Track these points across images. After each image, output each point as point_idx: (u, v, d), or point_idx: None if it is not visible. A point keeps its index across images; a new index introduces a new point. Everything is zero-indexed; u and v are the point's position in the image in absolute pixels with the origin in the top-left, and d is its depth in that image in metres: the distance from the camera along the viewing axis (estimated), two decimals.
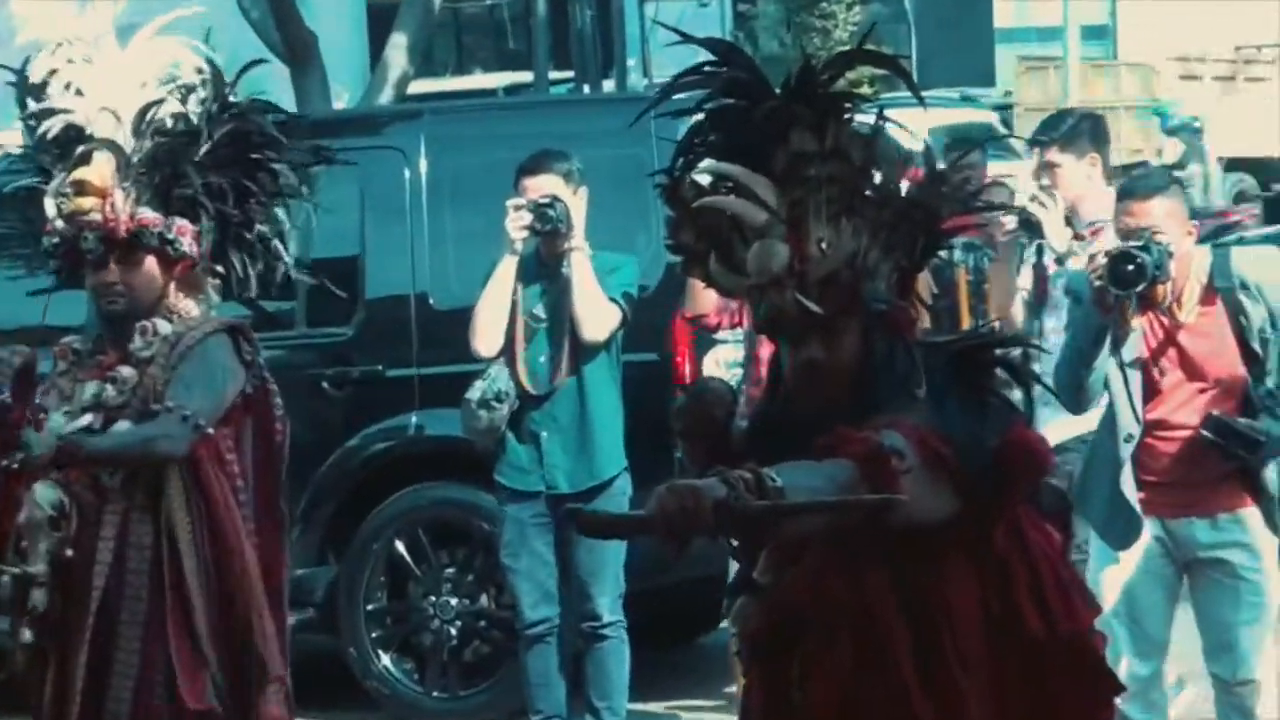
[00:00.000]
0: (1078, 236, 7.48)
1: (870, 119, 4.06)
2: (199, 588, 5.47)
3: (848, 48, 7.23)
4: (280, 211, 5.75)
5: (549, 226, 7.57)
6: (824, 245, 3.93)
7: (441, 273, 8.80)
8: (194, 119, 5.61)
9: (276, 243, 5.71)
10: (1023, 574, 3.97)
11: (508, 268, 7.71)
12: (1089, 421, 7.23)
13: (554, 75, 19.97)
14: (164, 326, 5.55)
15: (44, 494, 5.44)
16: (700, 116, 4.09)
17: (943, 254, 11.17)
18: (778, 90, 4.03)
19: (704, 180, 4.07)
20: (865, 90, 41.14)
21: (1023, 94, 27.68)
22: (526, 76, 22.23)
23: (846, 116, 4.02)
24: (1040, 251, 7.61)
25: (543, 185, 7.64)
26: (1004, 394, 4.06)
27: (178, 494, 5.48)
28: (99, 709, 5.47)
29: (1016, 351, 4.22)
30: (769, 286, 3.93)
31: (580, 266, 7.61)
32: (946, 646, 3.91)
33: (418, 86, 18.59)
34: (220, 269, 5.67)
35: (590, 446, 7.75)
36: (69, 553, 5.46)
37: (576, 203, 7.66)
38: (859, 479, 3.73)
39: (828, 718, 3.98)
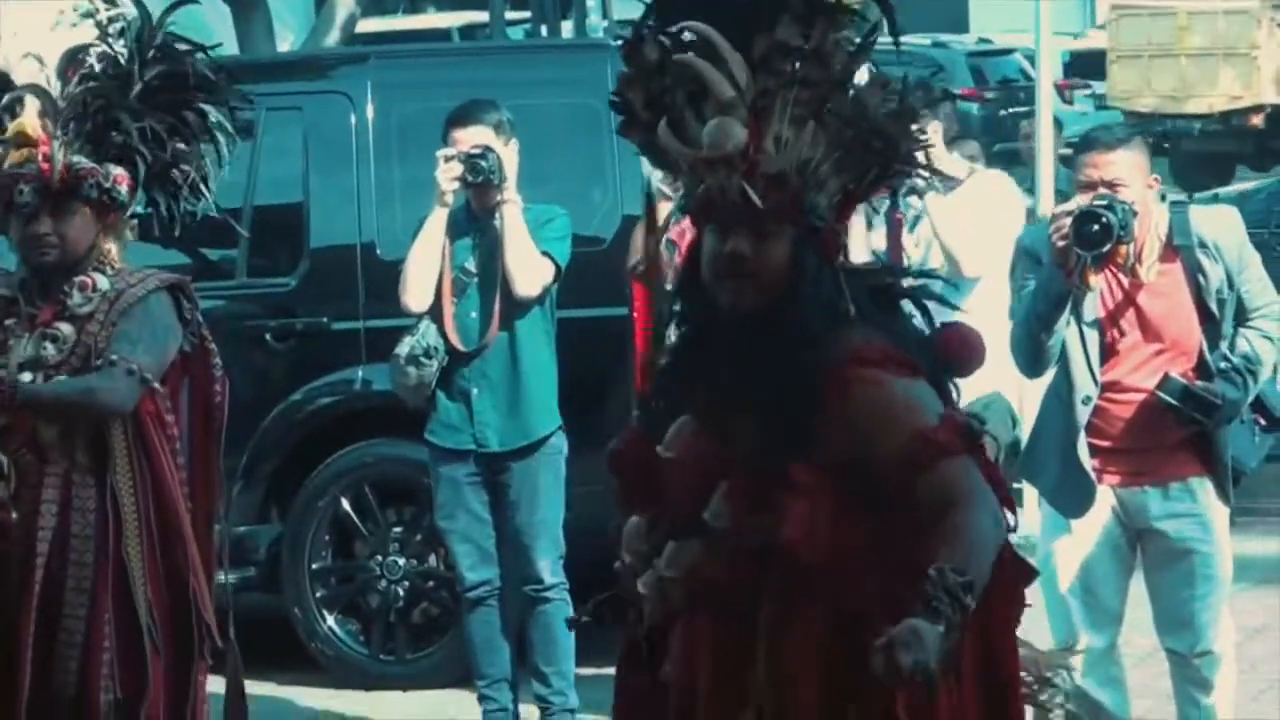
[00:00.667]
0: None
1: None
2: (138, 555, 5.44)
3: None
4: (207, 153, 5.69)
5: (480, 178, 7.51)
6: (781, 144, 3.92)
7: (389, 223, 8.74)
8: (120, 59, 5.56)
9: (201, 184, 5.67)
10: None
11: (437, 221, 7.66)
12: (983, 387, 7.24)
13: (510, 16, 19.86)
14: (103, 282, 5.53)
15: None
16: None
17: (906, 212, 11.22)
18: None
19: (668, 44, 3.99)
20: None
21: (1119, 39, 27.48)
22: (482, 16, 22.09)
23: (839, 19, 3.99)
24: (895, 200, 7.43)
25: (473, 137, 7.59)
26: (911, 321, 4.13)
27: (121, 454, 5.48)
28: (48, 677, 5.45)
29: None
30: (718, 163, 3.91)
31: (512, 219, 7.55)
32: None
33: (366, 26, 18.49)
34: (140, 210, 5.64)
35: (522, 404, 7.69)
36: (13, 515, 5.44)
37: (508, 154, 7.60)
38: (973, 465, 3.85)
39: (807, 680, 3.92)
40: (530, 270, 7.60)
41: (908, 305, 4.15)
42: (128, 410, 5.45)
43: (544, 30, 18.39)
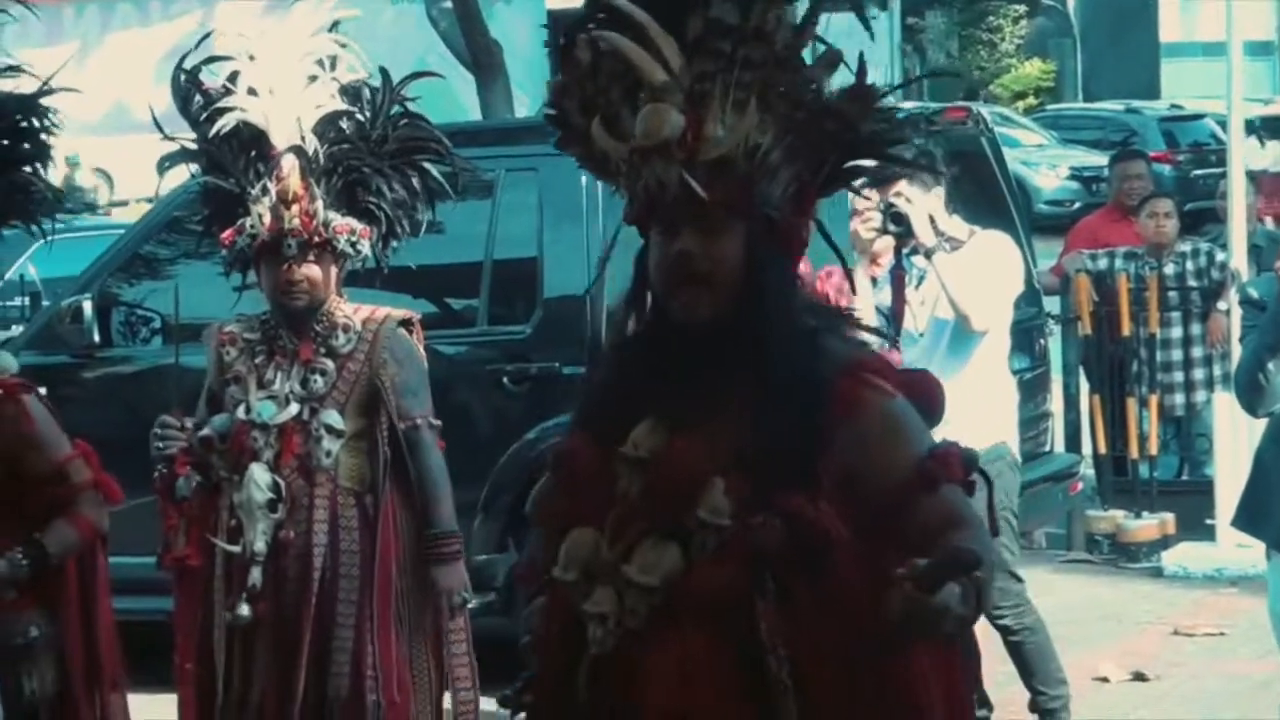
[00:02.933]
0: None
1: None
2: (397, 568, 5.72)
3: (1014, 60, 7.14)
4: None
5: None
6: (725, 128, 3.42)
7: (614, 274, 8.87)
8: (365, 124, 5.80)
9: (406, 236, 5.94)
10: None
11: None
12: (988, 437, 7.26)
13: None
14: (355, 321, 5.78)
15: (261, 476, 5.65)
16: None
17: (1104, 263, 11.17)
18: None
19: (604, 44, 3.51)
20: (1031, 102, 40.94)
21: None
22: None
23: None
24: (899, 255, 7.37)
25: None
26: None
27: (383, 474, 5.75)
28: (323, 681, 5.67)
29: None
30: (654, 152, 3.40)
31: None
32: None
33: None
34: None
35: None
36: (291, 534, 5.68)
37: None
38: (966, 498, 3.55)
39: (830, 685, 3.41)
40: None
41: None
42: (441, 464, 5.83)
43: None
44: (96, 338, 9.28)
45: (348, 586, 5.68)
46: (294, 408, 5.72)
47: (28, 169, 5.25)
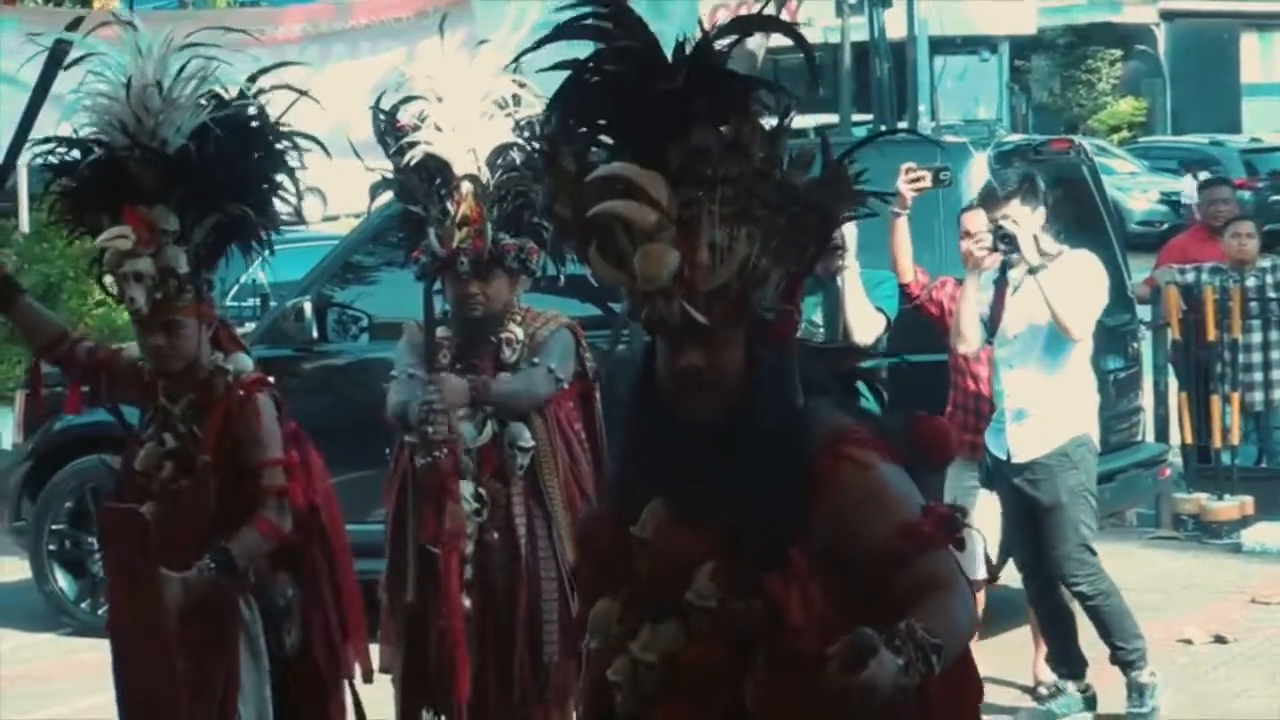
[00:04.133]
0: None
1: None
2: (563, 538, 5.79)
3: (1110, 99, 7.20)
4: None
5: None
6: (716, 251, 3.26)
7: None
8: (531, 152, 5.74)
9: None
10: None
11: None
12: (1058, 437, 7.39)
13: (856, 117, 20.11)
14: (519, 332, 5.84)
15: (465, 489, 5.75)
16: (580, 76, 3.32)
17: (1191, 276, 11.12)
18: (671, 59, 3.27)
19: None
20: (1124, 135, 40.55)
21: None
22: (833, 118, 22.39)
23: (752, 108, 3.30)
24: (1004, 269, 7.45)
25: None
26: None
27: (551, 477, 5.82)
28: (538, 651, 5.77)
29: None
30: (655, 294, 3.26)
31: (853, 281, 7.72)
32: None
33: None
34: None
35: None
36: (495, 536, 5.77)
37: (851, 229, 7.61)
38: (949, 557, 3.32)
39: None
40: (867, 323, 7.77)
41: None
42: (544, 398, 5.78)
43: (882, 128, 18.60)
44: (315, 334, 9.50)
45: (547, 566, 5.77)
46: (489, 431, 5.79)
47: (277, 190, 5.24)
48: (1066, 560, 7.41)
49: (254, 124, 5.17)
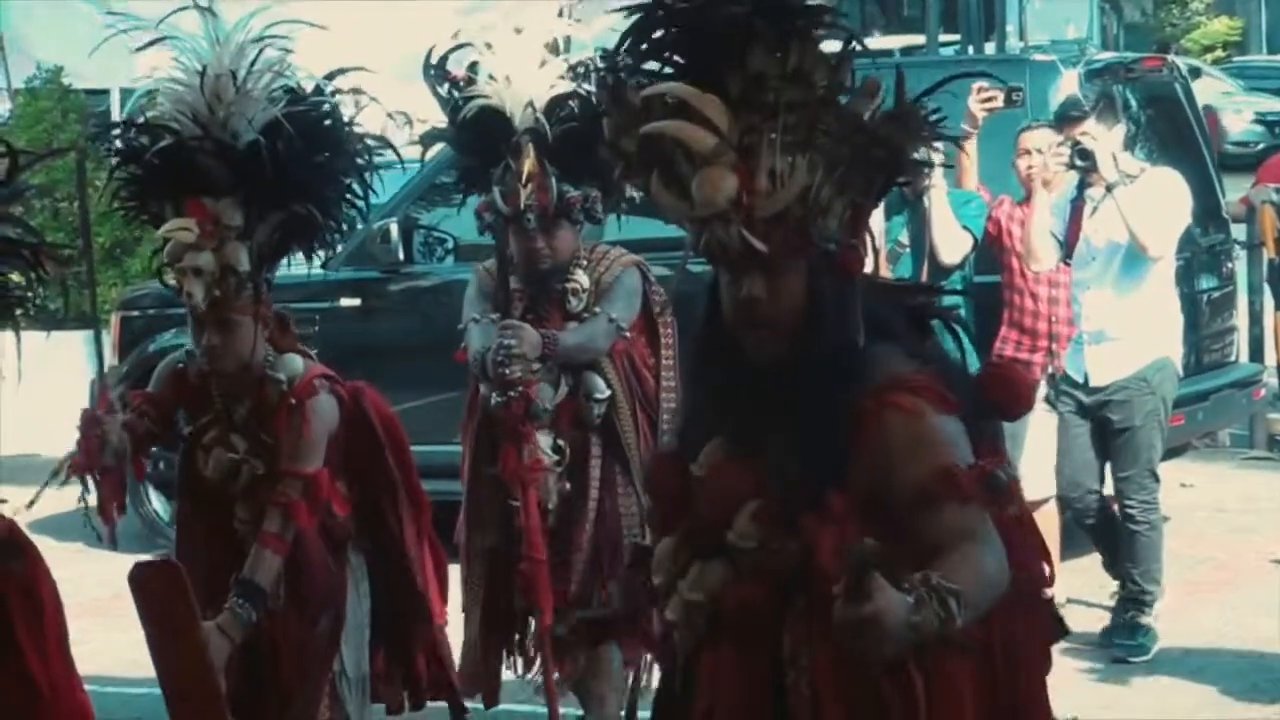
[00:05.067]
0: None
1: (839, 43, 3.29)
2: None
3: (1204, 18, 7.03)
4: None
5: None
6: (776, 178, 3.20)
7: None
8: (591, 100, 5.64)
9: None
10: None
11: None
12: (1138, 360, 7.28)
13: (943, 38, 19.89)
14: (584, 280, 5.81)
15: (544, 441, 5.75)
16: (648, 7, 3.28)
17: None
18: None
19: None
20: (1218, 55, 40.08)
21: None
22: (919, 39, 22.20)
23: (814, 35, 3.25)
24: (1081, 188, 7.36)
25: None
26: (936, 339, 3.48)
27: (629, 423, 5.82)
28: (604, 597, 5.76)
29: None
30: (713, 219, 3.20)
31: (939, 201, 7.70)
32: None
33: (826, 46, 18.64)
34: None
35: None
36: (567, 485, 5.79)
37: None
38: (983, 513, 3.20)
39: (836, 711, 3.25)
40: (954, 242, 7.73)
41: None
42: (605, 349, 5.78)
43: (970, 49, 18.41)
44: (401, 255, 9.50)
45: (628, 509, 5.80)
46: (564, 387, 5.80)
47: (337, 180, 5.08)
48: (1129, 483, 7.39)
49: (326, 122, 5.06)
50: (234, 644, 4.81)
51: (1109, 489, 7.61)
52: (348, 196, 5.09)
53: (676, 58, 3.28)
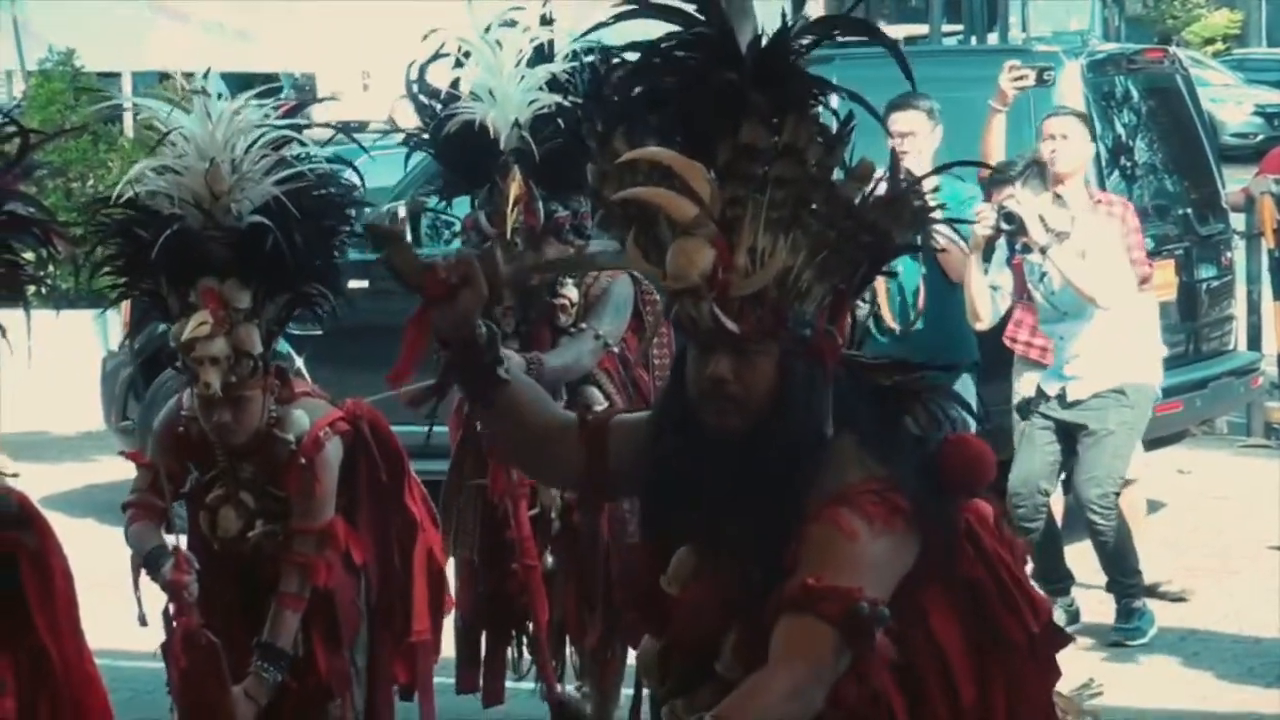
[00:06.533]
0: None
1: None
2: None
3: (1204, 10, 6.99)
4: None
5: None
6: (756, 256, 3.03)
7: None
8: (577, 115, 5.45)
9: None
10: (992, 587, 3.23)
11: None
12: (1116, 379, 7.25)
13: (946, 28, 19.89)
14: (573, 294, 5.76)
15: None
16: (643, 59, 3.16)
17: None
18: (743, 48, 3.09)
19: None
20: (1219, 47, 40.02)
21: None
22: (923, 29, 22.21)
23: (810, 109, 3.08)
24: (1012, 247, 7.36)
25: (909, 120, 7.52)
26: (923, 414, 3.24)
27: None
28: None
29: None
30: (684, 293, 3.04)
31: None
32: (935, 695, 3.18)
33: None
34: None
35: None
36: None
37: (934, 138, 7.58)
38: (837, 643, 3.01)
39: None
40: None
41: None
42: (590, 368, 5.75)
43: (973, 39, 18.38)
44: (409, 238, 9.54)
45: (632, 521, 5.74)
46: (561, 400, 5.66)
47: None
48: (1095, 487, 7.35)
49: (324, 192, 4.96)
50: (260, 707, 4.87)
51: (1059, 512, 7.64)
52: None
53: (667, 114, 3.14)
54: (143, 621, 4.87)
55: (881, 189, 3.13)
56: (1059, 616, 7.48)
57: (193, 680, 4.84)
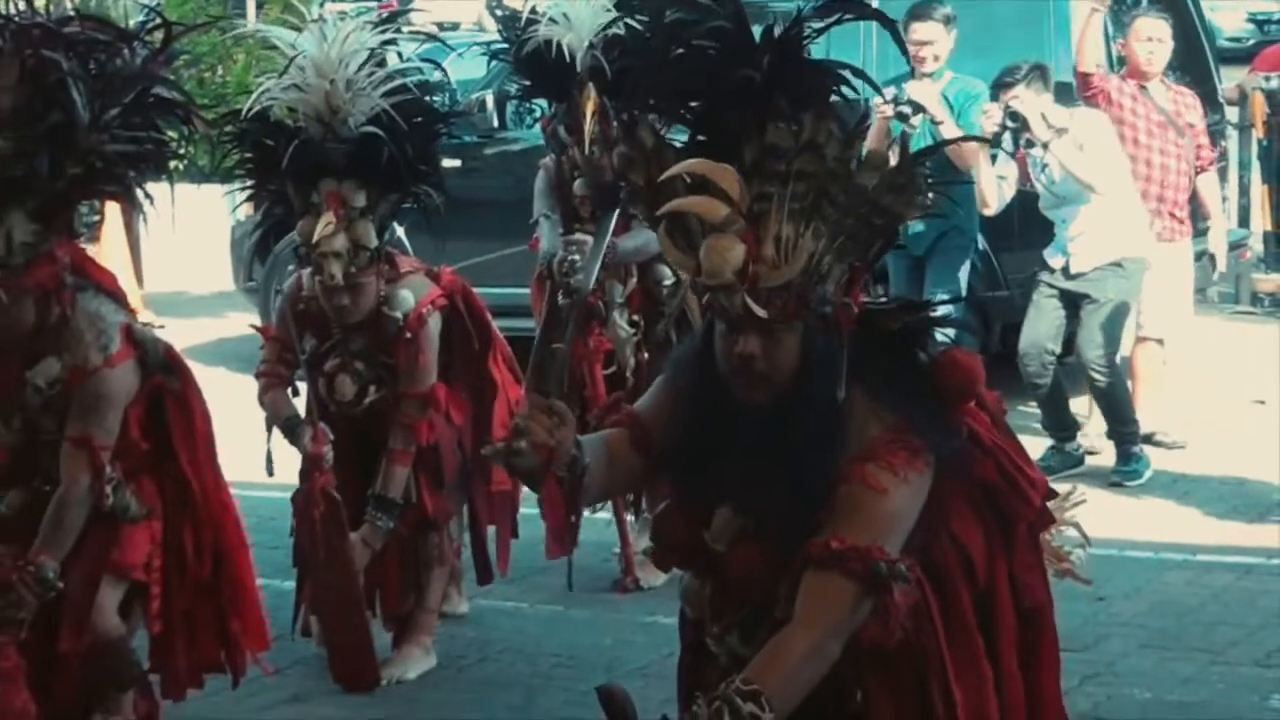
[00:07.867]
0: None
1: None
2: None
3: None
4: None
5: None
6: (781, 246, 2.95)
7: None
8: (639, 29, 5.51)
9: None
10: (998, 478, 3.14)
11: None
12: (1114, 252, 7.23)
13: None
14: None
15: (620, 318, 5.87)
16: (667, 49, 3.03)
17: (1275, 83, 10.83)
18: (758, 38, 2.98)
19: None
20: None
21: None
22: None
23: (828, 105, 3.00)
24: (1016, 141, 7.35)
25: (928, 30, 7.43)
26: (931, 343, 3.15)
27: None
28: None
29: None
30: (718, 288, 2.97)
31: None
32: (959, 586, 3.10)
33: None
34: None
35: None
36: (645, 356, 5.89)
37: (949, 43, 7.50)
38: (857, 599, 2.92)
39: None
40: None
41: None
42: (658, 250, 5.55)
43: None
44: (495, 123, 9.50)
45: None
46: (634, 281, 5.88)
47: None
48: (1095, 349, 7.35)
49: (424, 100, 5.07)
50: (374, 551, 5.04)
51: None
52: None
53: (692, 112, 3.04)
54: (270, 472, 5.01)
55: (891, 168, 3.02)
56: (1068, 459, 7.54)
57: (322, 530, 4.99)
